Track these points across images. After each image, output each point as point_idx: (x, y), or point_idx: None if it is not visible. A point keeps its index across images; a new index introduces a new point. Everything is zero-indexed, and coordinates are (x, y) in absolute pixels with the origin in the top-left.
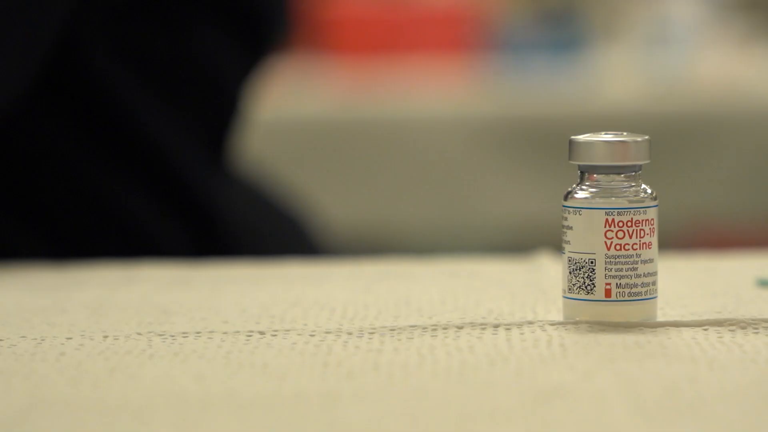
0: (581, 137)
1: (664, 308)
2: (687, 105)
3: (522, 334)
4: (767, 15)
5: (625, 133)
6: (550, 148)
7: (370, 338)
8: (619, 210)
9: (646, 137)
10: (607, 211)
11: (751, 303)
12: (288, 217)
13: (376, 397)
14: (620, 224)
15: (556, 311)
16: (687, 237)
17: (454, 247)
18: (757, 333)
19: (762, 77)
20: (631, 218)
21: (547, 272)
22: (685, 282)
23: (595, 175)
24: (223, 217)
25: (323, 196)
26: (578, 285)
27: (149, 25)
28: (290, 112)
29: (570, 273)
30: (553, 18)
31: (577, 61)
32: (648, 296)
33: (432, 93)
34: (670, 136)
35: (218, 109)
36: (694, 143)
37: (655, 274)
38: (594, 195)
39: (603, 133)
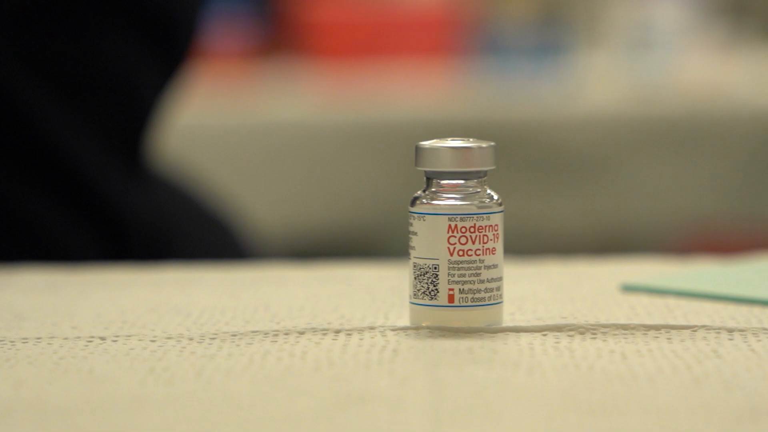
0: (426, 143)
1: (515, 313)
2: (669, 109)
3: (361, 339)
4: (749, 19)
5: (471, 139)
6: (533, 152)
7: (210, 344)
8: (462, 216)
9: (492, 143)
10: (450, 217)
11: (604, 308)
12: (217, 222)
13: (183, 403)
14: (463, 230)
15: (407, 317)
16: (666, 240)
17: None
18: (594, 338)
19: (744, 81)
20: (474, 224)
21: None
22: (552, 287)
23: (440, 181)
24: (135, 222)
25: (311, 199)
26: (423, 290)
27: (56, 33)
28: (273, 116)
29: (415, 278)
30: (537, 22)
31: (560, 65)
32: (492, 302)
33: (415, 97)
34: (652, 139)
35: (131, 115)
36: (677, 147)
37: (499, 279)
38: (438, 201)
39: (449, 138)
